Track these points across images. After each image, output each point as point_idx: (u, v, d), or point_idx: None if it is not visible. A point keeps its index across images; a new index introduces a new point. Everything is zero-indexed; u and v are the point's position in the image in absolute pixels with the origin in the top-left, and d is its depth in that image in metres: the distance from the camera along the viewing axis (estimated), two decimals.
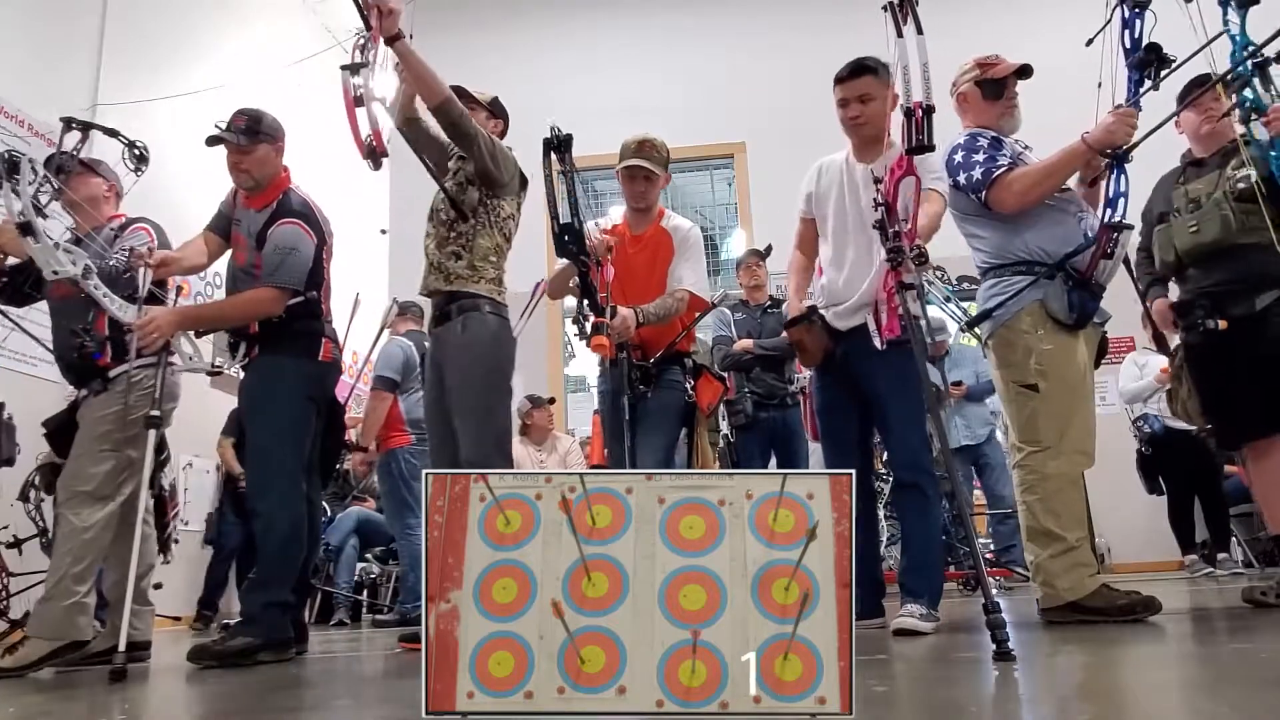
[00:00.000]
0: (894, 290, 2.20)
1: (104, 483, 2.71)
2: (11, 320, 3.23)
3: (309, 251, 2.80)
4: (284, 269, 2.74)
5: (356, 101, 2.46)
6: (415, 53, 2.63)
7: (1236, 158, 2.65)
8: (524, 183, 3.06)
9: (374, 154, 2.57)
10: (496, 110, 3.15)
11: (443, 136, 2.87)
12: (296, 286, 2.77)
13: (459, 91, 2.86)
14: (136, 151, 2.94)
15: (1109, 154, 2.46)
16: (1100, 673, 1.64)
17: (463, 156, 2.91)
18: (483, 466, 2.66)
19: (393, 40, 2.58)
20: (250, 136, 2.80)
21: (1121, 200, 2.44)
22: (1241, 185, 2.61)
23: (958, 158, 2.68)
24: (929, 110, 2.00)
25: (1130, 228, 2.47)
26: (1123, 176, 2.45)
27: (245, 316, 2.80)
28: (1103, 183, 2.55)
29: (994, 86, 2.72)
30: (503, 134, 3.17)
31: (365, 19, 2.54)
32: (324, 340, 2.87)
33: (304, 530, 2.78)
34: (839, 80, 2.74)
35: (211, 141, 2.81)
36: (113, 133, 2.88)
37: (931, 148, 2.08)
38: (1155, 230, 2.87)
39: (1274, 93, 2.52)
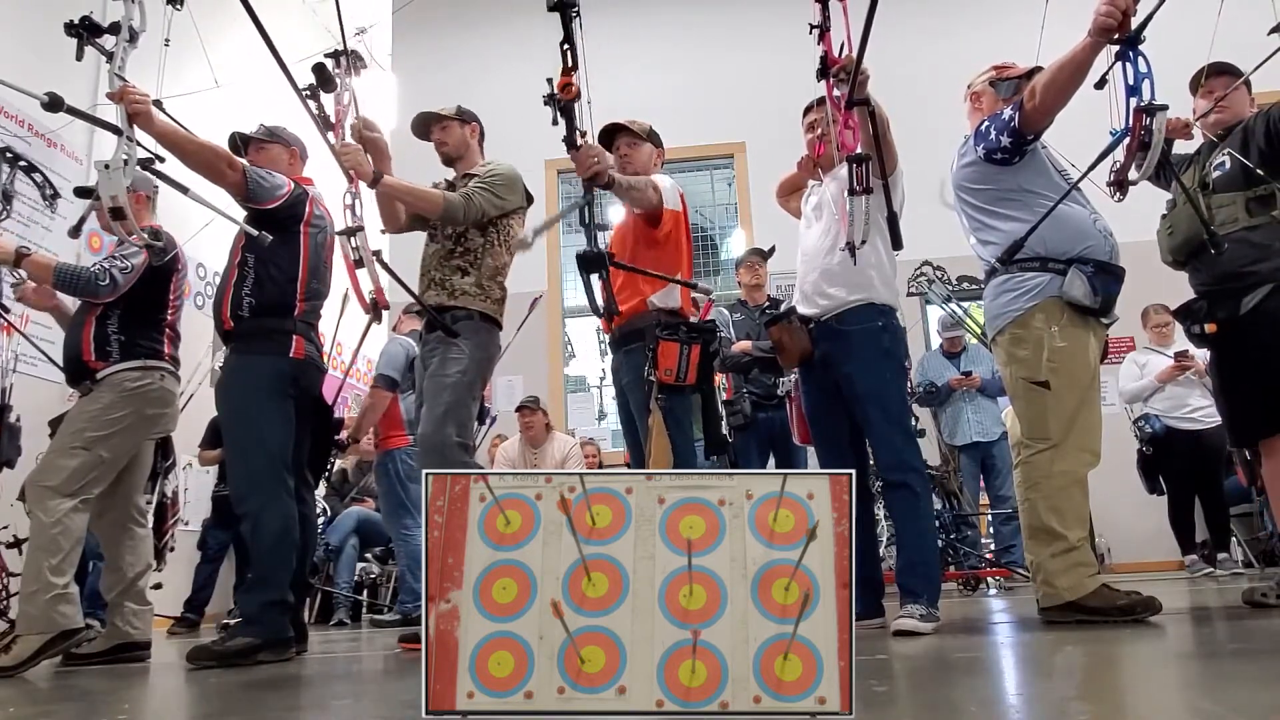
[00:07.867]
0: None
1: (69, 479, 2.71)
2: (14, 326, 3.23)
3: (283, 193, 2.84)
4: (260, 178, 2.81)
5: (356, 264, 2.57)
6: (397, 182, 2.78)
7: (1218, 149, 2.66)
8: (530, 200, 3.10)
9: (376, 308, 2.68)
10: (466, 116, 3.17)
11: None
12: (256, 193, 2.79)
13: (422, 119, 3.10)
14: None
15: (1115, 40, 2.25)
16: (1100, 673, 1.64)
17: (465, 176, 3.01)
18: (438, 446, 2.74)
19: (375, 184, 2.74)
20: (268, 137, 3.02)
21: (1145, 82, 2.19)
22: (1216, 174, 2.61)
23: (985, 124, 2.69)
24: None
25: (1164, 108, 2.19)
26: (1140, 59, 2.21)
27: (200, 157, 2.70)
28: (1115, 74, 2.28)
29: (1008, 85, 2.77)
30: (481, 135, 3.20)
31: (348, 174, 2.70)
32: (295, 338, 2.84)
33: (294, 527, 2.77)
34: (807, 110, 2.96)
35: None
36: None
37: (865, 102, 2.24)
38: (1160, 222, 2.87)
39: None
